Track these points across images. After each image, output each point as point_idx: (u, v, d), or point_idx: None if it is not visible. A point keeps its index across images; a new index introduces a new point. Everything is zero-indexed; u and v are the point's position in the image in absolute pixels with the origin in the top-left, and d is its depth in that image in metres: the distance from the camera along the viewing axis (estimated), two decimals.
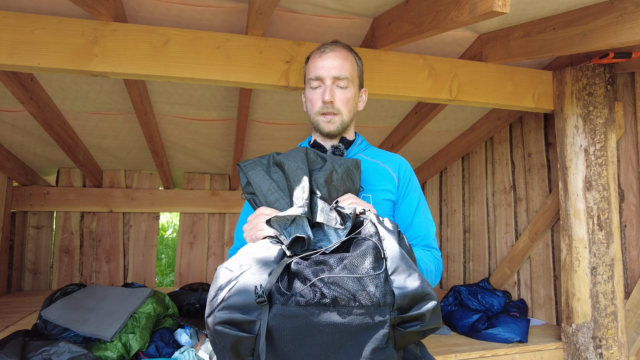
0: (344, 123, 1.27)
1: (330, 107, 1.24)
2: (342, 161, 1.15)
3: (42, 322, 2.13)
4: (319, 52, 1.29)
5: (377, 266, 0.84)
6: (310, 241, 0.93)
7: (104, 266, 3.84)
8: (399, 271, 0.84)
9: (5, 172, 3.33)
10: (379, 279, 0.83)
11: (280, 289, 0.82)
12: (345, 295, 0.81)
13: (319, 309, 0.80)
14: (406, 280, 0.83)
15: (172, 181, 4.06)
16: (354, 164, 1.16)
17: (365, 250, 0.86)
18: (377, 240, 0.88)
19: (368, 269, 0.83)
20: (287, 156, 1.13)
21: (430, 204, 4.18)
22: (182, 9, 1.93)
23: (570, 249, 2.34)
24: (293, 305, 0.80)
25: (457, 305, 2.79)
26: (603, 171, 2.29)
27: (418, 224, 1.27)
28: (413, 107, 3.01)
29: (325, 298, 0.80)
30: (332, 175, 1.09)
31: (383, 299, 0.82)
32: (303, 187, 1.03)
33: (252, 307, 0.81)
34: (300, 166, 1.08)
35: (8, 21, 1.73)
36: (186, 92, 2.58)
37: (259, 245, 0.94)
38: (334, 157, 1.18)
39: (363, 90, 1.37)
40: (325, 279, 0.82)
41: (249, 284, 0.83)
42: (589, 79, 2.33)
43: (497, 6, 1.41)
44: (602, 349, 2.22)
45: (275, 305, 0.80)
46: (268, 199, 1.08)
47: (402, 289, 0.82)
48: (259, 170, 1.12)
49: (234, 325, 0.81)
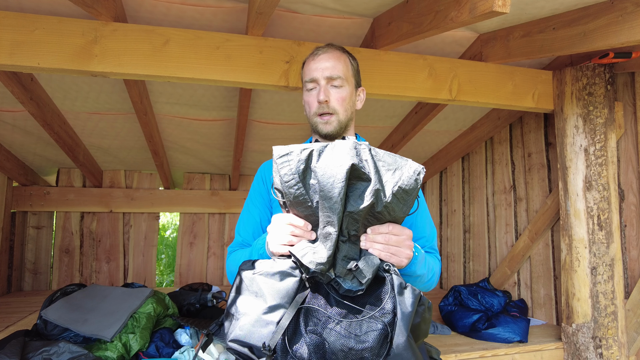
0: (341, 123, 1.27)
1: (325, 107, 1.25)
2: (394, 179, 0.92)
3: (42, 322, 2.13)
4: (312, 56, 1.31)
5: (378, 353, 0.86)
6: (329, 279, 0.93)
7: (104, 266, 3.84)
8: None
9: (5, 172, 3.33)
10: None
11: (284, 346, 0.88)
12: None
13: None
14: None
15: (172, 181, 4.06)
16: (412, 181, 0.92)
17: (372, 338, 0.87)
18: (390, 323, 0.88)
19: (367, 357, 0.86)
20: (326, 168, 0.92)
21: (430, 204, 4.18)
22: (182, 9, 1.93)
23: (570, 248, 2.34)
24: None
25: (457, 305, 2.79)
26: (603, 171, 2.29)
27: (422, 225, 1.29)
28: (413, 107, 3.01)
29: None
30: (372, 209, 0.92)
31: None
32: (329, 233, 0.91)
33: (258, 347, 0.89)
34: (334, 197, 0.89)
35: (8, 21, 1.73)
36: (186, 92, 2.58)
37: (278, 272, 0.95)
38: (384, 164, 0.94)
39: (360, 89, 1.37)
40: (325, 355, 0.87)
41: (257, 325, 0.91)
42: (589, 79, 2.33)
43: (497, 6, 1.41)
44: (602, 349, 2.22)
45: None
46: (298, 210, 0.97)
47: None
48: (294, 174, 0.94)
49: (243, 356, 0.92)
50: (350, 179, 0.91)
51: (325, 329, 0.88)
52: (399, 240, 0.96)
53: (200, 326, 2.23)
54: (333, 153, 0.94)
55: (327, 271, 0.92)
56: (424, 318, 0.93)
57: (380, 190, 0.91)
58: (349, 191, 0.92)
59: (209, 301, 2.71)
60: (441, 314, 2.80)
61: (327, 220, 0.91)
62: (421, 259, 1.11)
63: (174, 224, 8.08)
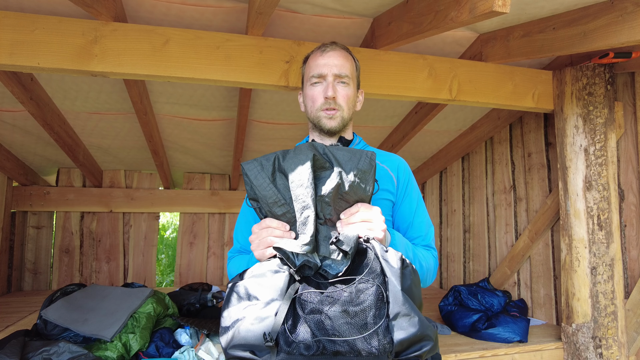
0: (344, 120, 1.28)
1: (332, 102, 1.25)
2: (352, 164, 1.03)
3: (42, 322, 2.13)
4: (319, 51, 1.30)
5: (378, 314, 0.88)
6: (317, 267, 0.96)
7: (104, 266, 3.84)
8: (400, 316, 0.88)
9: (5, 172, 3.33)
10: (380, 331, 0.87)
11: (285, 334, 0.87)
12: (346, 347, 0.86)
13: (320, 358, 0.86)
14: (406, 327, 0.87)
15: (172, 181, 4.06)
16: (367, 163, 1.03)
17: (368, 297, 0.89)
18: (381, 283, 0.91)
19: (368, 321, 0.87)
20: (292, 163, 1.02)
21: (430, 204, 4.18)
22: (182, 9, 1.93)
23: (570, 248, 2.34)
24: (297, 354, 0.86)
25: (457, 305, 2.79)
26: (603, 171, 2.29)
27: (419, 224, 1.29)
28: (413, 107, 3.01)
29: (327, 350, 0.86)
30: (339, 189, 1.00)
31: (382, 348, 0.86)
32: (307, 216, 0.97)
33: (260, 347, 0.88)
34: (304, 182, 0.99)
35: (8, 21, 1.73)
36: (186, 92, 2.58)
37: (267, 271, 0.97)
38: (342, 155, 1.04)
39: (360, 91, 1.39)
40: (328, 331, 0.86)
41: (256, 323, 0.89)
42: (589, 79, 2.33)
43: (497, 6, 1.41)
44: (602, 349, 2.22)
45: (282, 353, 0.87)
46: (274, 211, 1.02)
47: (401, 336, 0.87)
48: (264, 178, 1.02)
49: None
50: (315, 170, 1.01)
51: (325, 308, 0.88)
52: (370, 215, 1.01)
53: (200, 326, 2.23)
54: (295, 152, 1.04)
55: (312, 253, 0.95)
56: (413, 281, 0.95)
57: (342, 172, 1.01)
58: (316, 180, 1.01)
59: (209, 301, 2.71)
60: (441, 314, 2.80)
61: (303, 206, 0.98)
62: (400, 239, 1.14)
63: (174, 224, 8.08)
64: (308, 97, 1.30)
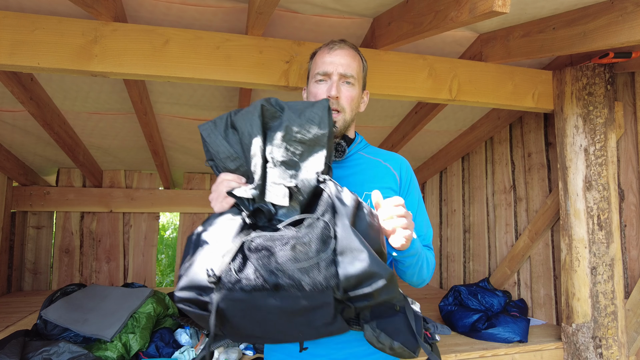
0: (346, 122, 1.27)
1: (335, 102, 1.24)
2: (303, 107, 1.04)
3: (42, 322, 2.13)
4: (327, 48, 1.29)
5: (324, 249, 0.85)
6: (270, 214, 0.95)
7: (104, 266, 3.84)
8: (346, 252, 0.83)
9: (5, 172, 3.33)
10: (323, 264, 0.83)
11: (228, 273, 0.85)
12: (287, 282, 0.83)
13: (262, 294, 0.83)
14: (352, 262, 0.83)
15: (172, 181, 4.06)
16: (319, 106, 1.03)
17: (314, 233, 0.86)
18: (330, 219, 0.88)
19: (312, 255, 0.84)
20: (242, 116, 1.03)
21: (430, 204, 4.18)
22: (182, 9, 1.93)
23: (570, 248, 2.34)
24: (238, 290, 0.84)
25: (457, 305, 2.79)
26: (603, 171, 2.29)
27: (419, 224, 1.29)
28: (413, 107, 3.01)
29: (268, 284, 0.83)
30: (289, 131, 1.00)
31: (326, 283, 0.83)
32: (256, 163, 0.98)
33: (206, 287, 0.86)
34: (253, 131, 1.00)
35: (8, 21, 1.73)
36: (186, 92, 2.58)
37: (222, 217, 0.97)
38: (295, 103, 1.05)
39: (365, 92, 1.38)
40: (270, 266, 0.84)
41: (203, 265, 0.87)
42: (589, 79, 2.33)
43: (497, 6, 1.41)
44: (602, 349, 2.22)
45: (224, 289, 0.84)
46: (227, 165, 1.04)
47: (347, 272, 0.82)
48: (216, 135, 1.04)
49: (193, 303, 0.87)
50: (267, 121, 1.02)
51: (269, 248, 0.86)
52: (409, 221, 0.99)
53: (200, 326, 2.23)
54: (248, 107, 1.05)
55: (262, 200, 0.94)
56: (370, 224, 0.91)
57: (292, 115, 1.01)
58: (268, 130, 1.02)
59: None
60: (441, 314, 2.80)
61: (252, 155, 0.99)
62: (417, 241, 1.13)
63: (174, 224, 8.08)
64: (311, 95, 1.29)
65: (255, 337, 0.89)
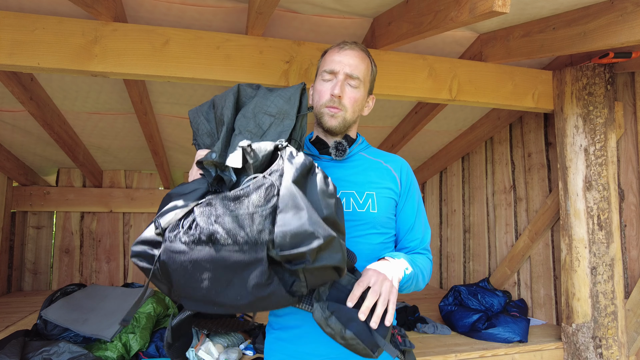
0: (346, 121, 1.27)
1: (337, 101, 1.24)
2: (277, 89, 1.12)
3: (42, 322, 2.13)
4: (338, 47, 1.30)
5: (263, 204, 0.84)
6: (231, 182, 0.95)
7: (104, 266, 3.84)
8: (285, 210, 0.82)
9: (5, 172, 3.33)
10: (258, 217, 0.83)
11: (174, 227, 0.86)
12: (222, 233, 0.82)
13: (198, 246, 0.83)
14: (290, 219, 0.81)
15: (172, 181, 4.06)
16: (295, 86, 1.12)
17: (256, 189, 0.87)
18: (278, 178, 0.88)
19: (248, 207, 0.84)
20: (220, 95, 1.12)
21: (430, 204, 4.18)
22: (182, 9, 1.93)
23: (570, 248, 2.34)
24: (178, 241, 0.84)
25: (457, 305, 2.79)
26: (603, 171, 2.29)
27: (418, 227, 1.30)
28: (413, 107, 3.01)
29: (203, 235, 0.83)
30: (259, 104, 1.07)
31: (259, 236, 0.82)
32: (221, 131, 1.04)
33: (155, 242, 0.88)
34: (226, 104, 1.08)
35: (8, 21, 1.73)
36: (186, 92, 2.58)
37: (189, 184, 1.01)
38: (271, 88, 1.15)
39: (371, 97, 1.38)
40: (210, 218, 0.84)
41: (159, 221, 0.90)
42: (589, 79, 2.33)
43: (497, 6, 1.41)
44: (602, 349, 2.22)
45: (166, 241, 0.86)
46: (205, 142, 1.11)
47: (282, 228, 0.81)
48: (199, 115, 1.14)
49: (143, 257, 0.89)
50: (244, 100, 1.10)
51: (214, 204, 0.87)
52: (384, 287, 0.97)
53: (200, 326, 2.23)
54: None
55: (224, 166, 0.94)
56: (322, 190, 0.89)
57: (266, 92, 1.09)
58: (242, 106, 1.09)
59: None
60: (441, 314, 2.81)
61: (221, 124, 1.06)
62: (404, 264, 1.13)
63: None
64: (316, 91, 1.30)
65: (196, 300, 0.87)
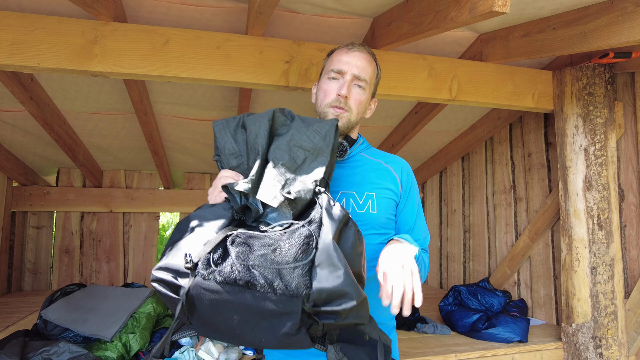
0: (350, 123, 1.28)
1: (343, 101, 1.25)
2: (312, 120, 1.08)
3: (42, 322, 2.13)
4: (346, 48, 1.30)
5: (303, 257, 0.85)
6: (258, 213, 0.95)
7: (104, 266, 3.84)
8: (324, 265, 0.83)
9: (5, 172, 3.33)
10: (299, 271, 0.83)
11: (208, 262, 0.86)
12: (260, 281, 0.83)
13: (234, 289, 0.83)
14: (327, 277, 0.82)
15: (172, 181, 4.06)
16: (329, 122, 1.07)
17: (297, 239, 0.87)
18: (315, 229, 0.88)
19: (289, 260, 0.84)
20: (253, 118, 1.08)
21: (430, 204, 4.18)
22: (182, 9, 1.93)
23: (570, 248, 2.34)
24: (212, 280, 0.84)
25: (457, 305, 2.79)
26: (603, 171, 2.29)
27: (418, 228, 1.31)
28: (413, 107, 3.01)
29: (241, 279, 0.83)
30: (295, 137, 1.04)
31: (297, 290, 0.82)
32: (255, 160, 1.02)
33: (182, 272, 0.87)
34: (260, 132, 1.04)
35: (8, 21, 1.73)
36: (186, 92, 2.58)
37: (213, 208, 1.00)
38: (307, 117, 1.10)
39: (373, 100, 1.39)
40: (248, 262, 0.84)
41: (184, 249, 0.89)
42: (589, 79, 2.33)
43: (497, 6, 1.41)
44: (602, 349, 2.22)
45: (198, 277, 0.85)
46: (230, 162, 1.08)
47: (321, 285, 0.82)
48: (226, 132, 1.09)
49: (167, 285, 0.89)
50: (277, 127, 1.07)
51: (250, 244, 0.86)
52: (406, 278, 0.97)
53: None
54: (260, 112, 1.09)
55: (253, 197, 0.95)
56: (354, 244, 0.91)
57: (301, 124, 1.06)
58: (275, 136, 1.06)
59: None
60: (441, 314, 2.81)
61: (254, 153, 1.03)
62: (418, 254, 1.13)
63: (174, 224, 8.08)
64: (321, 90, 1.29)
65: (219, 332, 0.88)
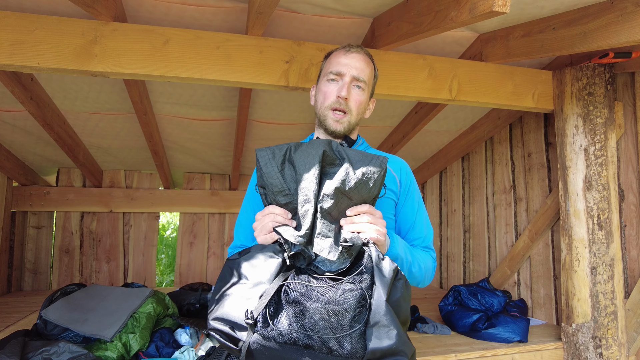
0: (351, 124, 1.28)
1: (343, 103, 1.25)
2: (361, 164, 1.04)
3: (42, 322, 2.13)
4: (344, 50, 1.30)
5: (358, 319, 0.88)
6: (310, 260, 0.99)
7: (104, 266, 3.84)
8: (378, 326, 0.87)
9: (5, 172, 3.33)
10: (356, 335, 0.87)
11: (265, 318, 0.89)
12: (318, 343, 0.86)
13: (293, 349, 0.87)
14: (382, 338, 0.87)
15: (172, 181, 4.06)
16: (377, 165, 1.05)
17: (351, 301, 0.89)
18: (368, 288, 0.91)
19: (347, 324, 0.87)
20: (302, 156, 1.05)
21: (430, 203, 4.18)
22: (182, 9, 1.93)
23: (570, 248, 2.34)
24: (271, 339, 0.88)
25: (457, 305, 2.79)
26: (603, 171, 2.29)
27: (419, 227, 1.30)
28: (413, 107, 3.01)
29: (299, 342, 0.87)
30: (343, 185, 1.02)
31: (354, 352, 0.86)
32: (307, 210, 1.01)
33: (239, 325, 0.91)
34: (310, 176, 1.02)
35: (8, 21, 1.73)
36: (186, 92, 2.58)
37: (264, 251, 1.00)
38: (354, 155, 1.07)
39: (372, 100, 1.39)
40: (305, 325, 0.88)
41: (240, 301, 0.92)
42: (589, 79, 2.33)
43: (497, 6, 1.41)
44: (602, 349, 2.22)
45: (257, 334, 0.89)
46: (278, 199, 1.05)
47: (375, 346, 0.86)
48: (273, 166, 1.06)
49: (225, 335, 0.92)
50: (324, 166, 1.04)
51: (307, 302, 0.89)
52: (375, 218, 1.03)
53: (200, 326, 2.23)
54: (307, 146, 1.07)
55: (306, 246, 0.99)
56: (403, 295, 0.94)
57: (350, 169, 1.03)
58: (323, 176, 1.04)
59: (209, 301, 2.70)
60: (441, 314, 2.80)
61: (305, 199, 1.01)
62: (399, 242, 1.15)
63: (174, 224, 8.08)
64: (321, 92, 1.29)
65: None
